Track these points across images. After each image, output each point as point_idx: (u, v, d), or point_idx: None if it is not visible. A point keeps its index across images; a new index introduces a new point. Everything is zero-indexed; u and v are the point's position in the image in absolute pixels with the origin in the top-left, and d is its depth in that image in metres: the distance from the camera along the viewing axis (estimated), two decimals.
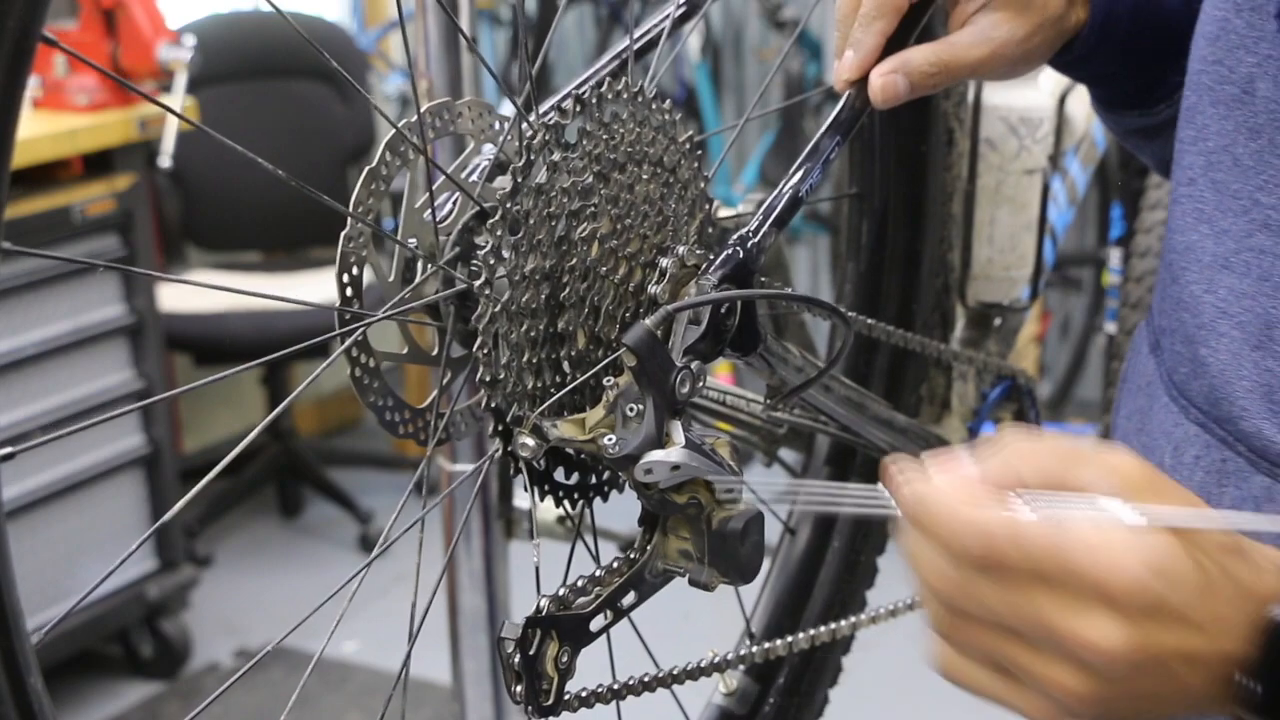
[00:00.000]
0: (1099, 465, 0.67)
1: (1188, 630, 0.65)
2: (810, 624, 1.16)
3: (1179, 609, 0.65)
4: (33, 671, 0.61)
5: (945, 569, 0.67)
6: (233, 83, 3.55)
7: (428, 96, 1.37)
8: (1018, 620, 0.66)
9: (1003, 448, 0.69)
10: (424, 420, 0.79)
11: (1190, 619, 0.65)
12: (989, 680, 0.70)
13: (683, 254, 0.81)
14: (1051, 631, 0.65)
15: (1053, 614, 0.65)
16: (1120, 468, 0.67)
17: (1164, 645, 0.65)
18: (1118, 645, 0.64)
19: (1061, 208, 1.33)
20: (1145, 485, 0.67)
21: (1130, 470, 0.68)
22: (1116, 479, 0.67)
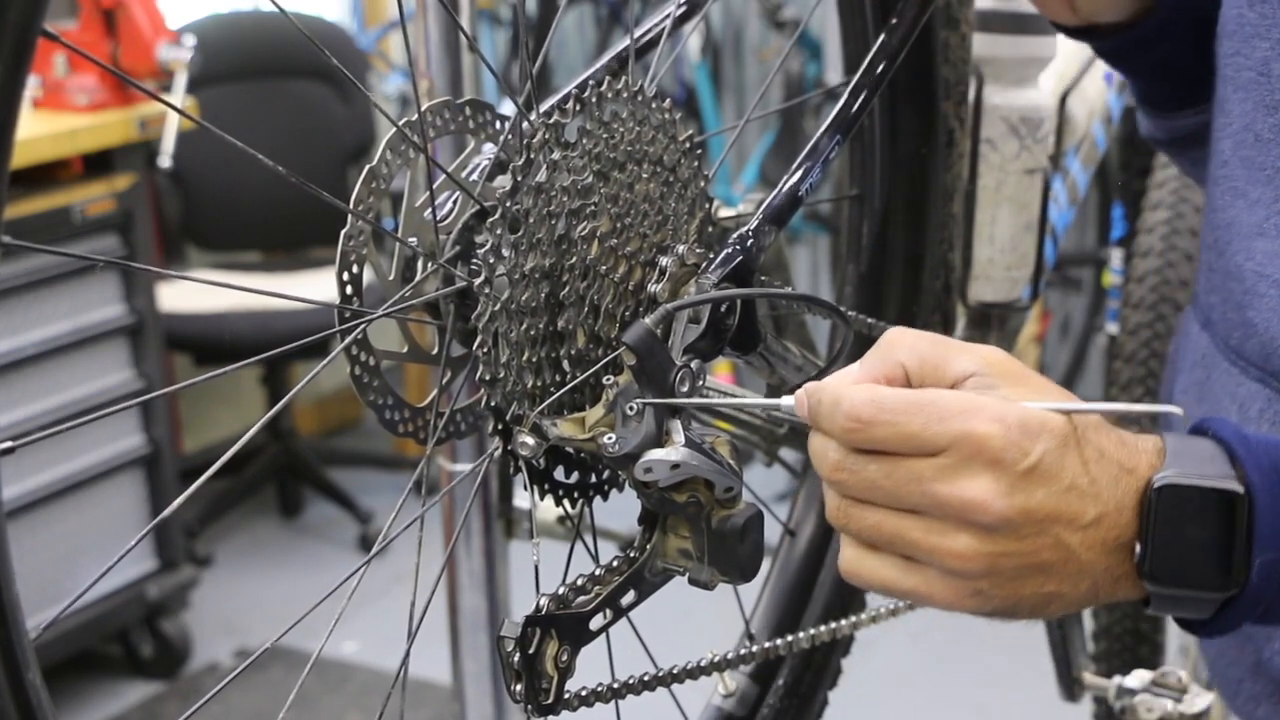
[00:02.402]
0: (972, 352, 0.72)
1: (1069, 494, 0.69)
2: (810, 625, 1.16)
3: (1056, 472, 0.68)
4: (31, 667, 0.61)
5: (835, 457, 0.71)
6: (233, 83, 3.55)
7: (428, 96, 1.37)
8: (905, 493, 0.69)
9: (883, 343, 0.73)
10: (424, 419, 0.79)
11: (1070, 484, 0.69)
12: (891, 570, 0.72)
13: (682, 253, 0.82)
14: (936, 498, 0.69)
15: (935, 481, 0.68)
16: (991, 355, 0.72)
17: (1044, 505, 0.68)
18: (999, 501, 0.68)
19: (1062, 208, 1.33)
20: (1016, 372, 0.71)
21: (1000, 358, 0.72)
22: (988, 364, 0.71)
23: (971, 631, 2.94)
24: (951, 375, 0.72)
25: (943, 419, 0.68)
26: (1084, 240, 3.92)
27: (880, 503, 0.71)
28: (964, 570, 0.70)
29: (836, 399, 0.70)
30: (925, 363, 0.72)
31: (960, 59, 1.12)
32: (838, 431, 0.70)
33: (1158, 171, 1.76)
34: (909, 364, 0.72)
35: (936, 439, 0.68)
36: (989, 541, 0.69)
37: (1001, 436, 0.68)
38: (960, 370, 0.72)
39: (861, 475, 0.71)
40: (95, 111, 2.68)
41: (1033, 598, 0.71)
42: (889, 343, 0.74)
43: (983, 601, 0.71)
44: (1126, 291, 1.73)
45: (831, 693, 1.18)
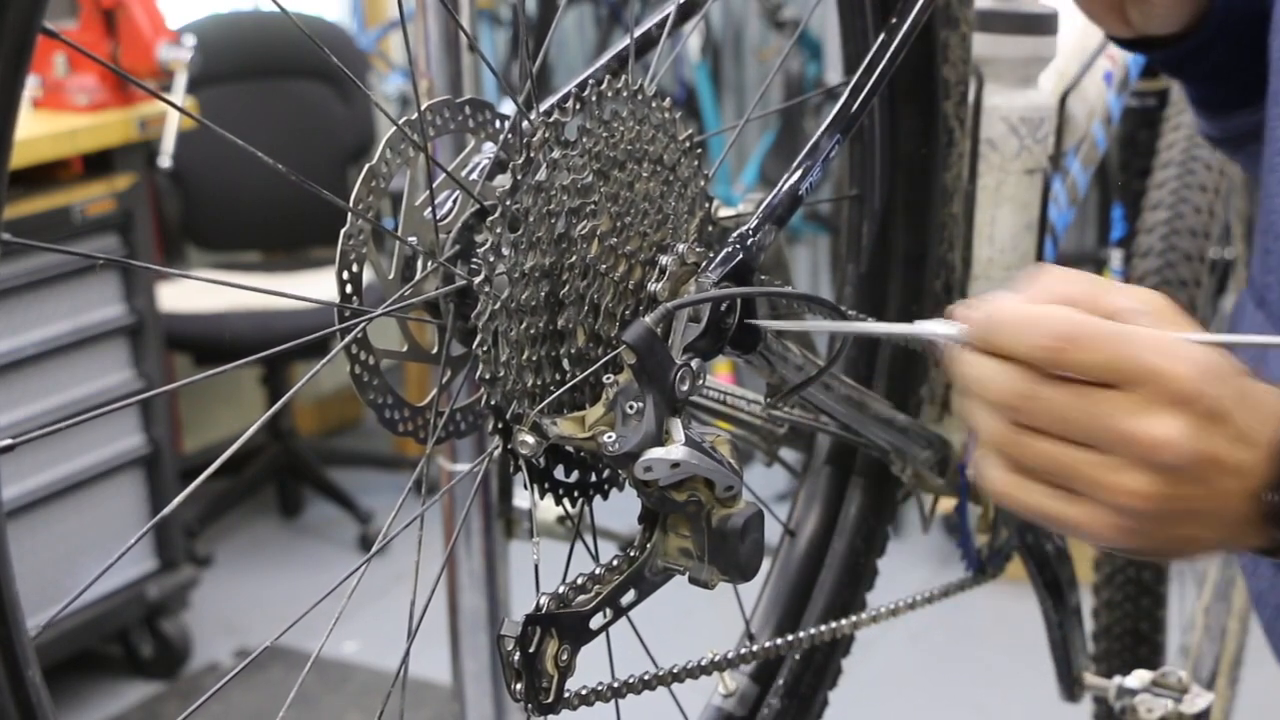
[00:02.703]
0: (1129, 291, 0.70)
1: (1237, 443, 0.68)
2: (810, 625, 1.16)
3: (1232, 417, 0.68)
4: (31, 665, 0.61)
5: (1012, 380, 0.68)
6: (233, 83, 3.55)
7: (428, 95, 1.37)
8: (1086, 423, 0.67)
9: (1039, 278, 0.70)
10: (424, 418, 0.79)
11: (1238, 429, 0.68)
12: (1047, 497, 0.70)
13: (683, 252, 0.82)
14: (1123, 433, 0.67)
15: (1122, 415, 0.67)
16: (1147, 294, 0.70)
17: (1219, 451, 0.68)
18: (1185, 444, 0.66)
19: (1062, 208, 1.33)
20: (1171, 310, 0.70)
21: (1155, 298, 0.70)
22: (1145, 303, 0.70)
23: (971, 631, 2.94)
24: (1106, 309, 0.69)
25: (1142, 352, 0.67)
26: (1084, 240, 3.92)
27: (1057, 433, 0.69)
28: (1132, 509, 0.68)
29: (1032, 317, 0.68)
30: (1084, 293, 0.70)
31: (960, 59, 1.12)
32: (1029, 351, 0.67)
33: (1158, 171, 1.76)
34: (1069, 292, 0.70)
35: (1135, 372, 0.67)
36: (1165, 483, 0.68)
37: (1195, 378, 0.67)
38: (1117, 305, 0.70)
39: (1044, 402, 0.68)
40: (95, 111, 2.68)
41: (1180, 540, 0.71)
42: (1045, 273, 0.71)
43: (1138, 540, 0.70)
44: None
45: (831, 693, 1.18)
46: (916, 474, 1.14)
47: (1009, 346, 0.68)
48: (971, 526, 1.18)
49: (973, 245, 1.20)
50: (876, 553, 1.20)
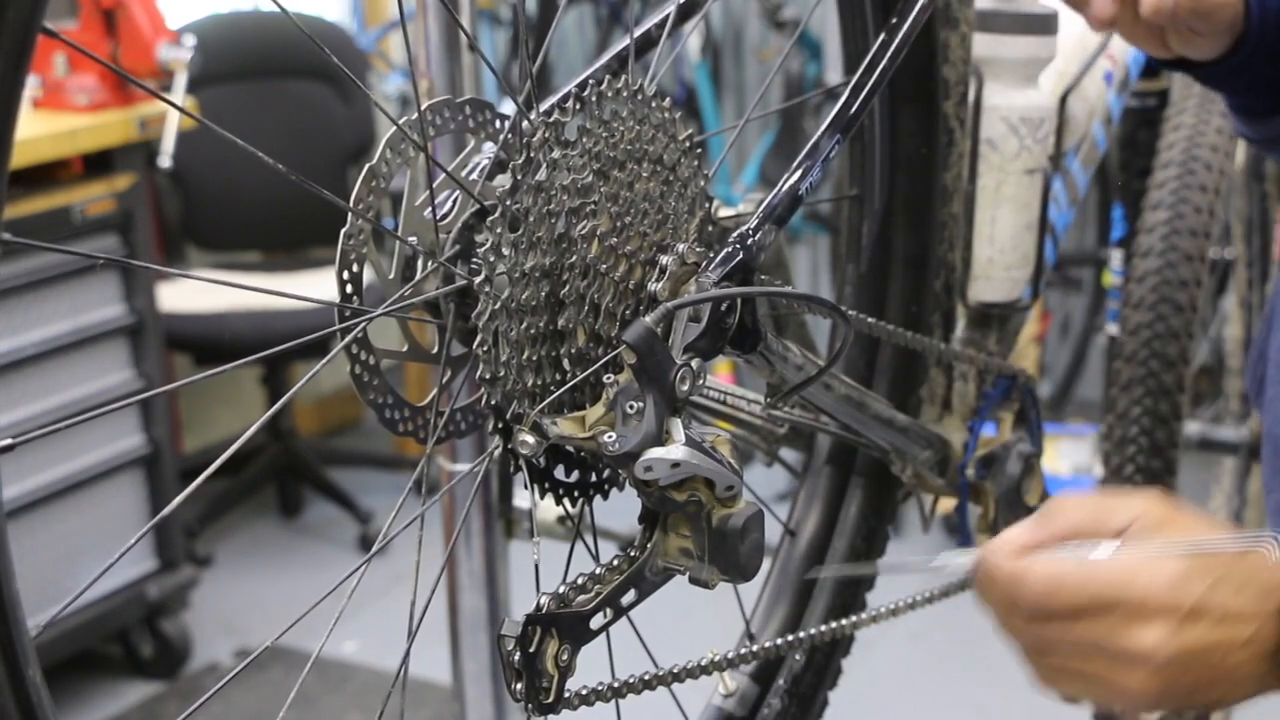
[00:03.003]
0: (1130, 506, 0.84)
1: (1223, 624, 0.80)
2: (811, 625, 1.16)
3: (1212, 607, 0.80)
4: (31, 664, 0.61)
5: (1018, 623, 0.84)
6: (233, 83, 3.55)
7: (428, 95, 1.37)
8: (1084, 648, 0.82)
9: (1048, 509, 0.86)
10: (424, 418, 0.79)
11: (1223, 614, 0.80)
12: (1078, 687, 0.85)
13: (683, 251, 0.81)
14: (1112, 650, 0.81)
15: (1109, 637, 0.81)
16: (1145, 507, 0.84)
17: (1202, 640, 0.80)
18: (1165, 648, 0.79)
19: (1062, 208, 1.33)
20: (1165, 518, 0.83)
21: (1152, 508, 0.84)
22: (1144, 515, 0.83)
23: (971, 631, 2.93)
24: (1112, 529, 0.84)
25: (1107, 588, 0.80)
26: (1084, 240, 3.92)
27: (1062, 651, 0.83)
28: (1143, 693, 0.82)
29: (1018, 576, 0.82)
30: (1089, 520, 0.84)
31: (960, 59, 1.12)
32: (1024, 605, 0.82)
33: (1158, 171, 1.75)
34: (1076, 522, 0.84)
35: (1112, 601, 0.80)
36: (1161, 676, 0.80)
37: (1164, 591, 0.79)
38: (1120, 523, 0.84)
39: (1044, 637, 0.83)
40: (95, 111, 2.67)
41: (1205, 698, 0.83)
42: (1056, 507, 0.86)
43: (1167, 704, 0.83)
44: (1126, 291, 1.72)
45: (831, 693, 1.18)
46: (916, 474, 1.14)
47: (1007, 600, 0.83)
48: (971, 526, 1.18)
49: (973, 245, 1.20)
50: (877, 553, 1.20)
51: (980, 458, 1.16)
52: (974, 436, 1.16)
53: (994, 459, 1.16)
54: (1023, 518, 1.16)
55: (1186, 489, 1.79)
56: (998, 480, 1.16)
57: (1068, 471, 3.34)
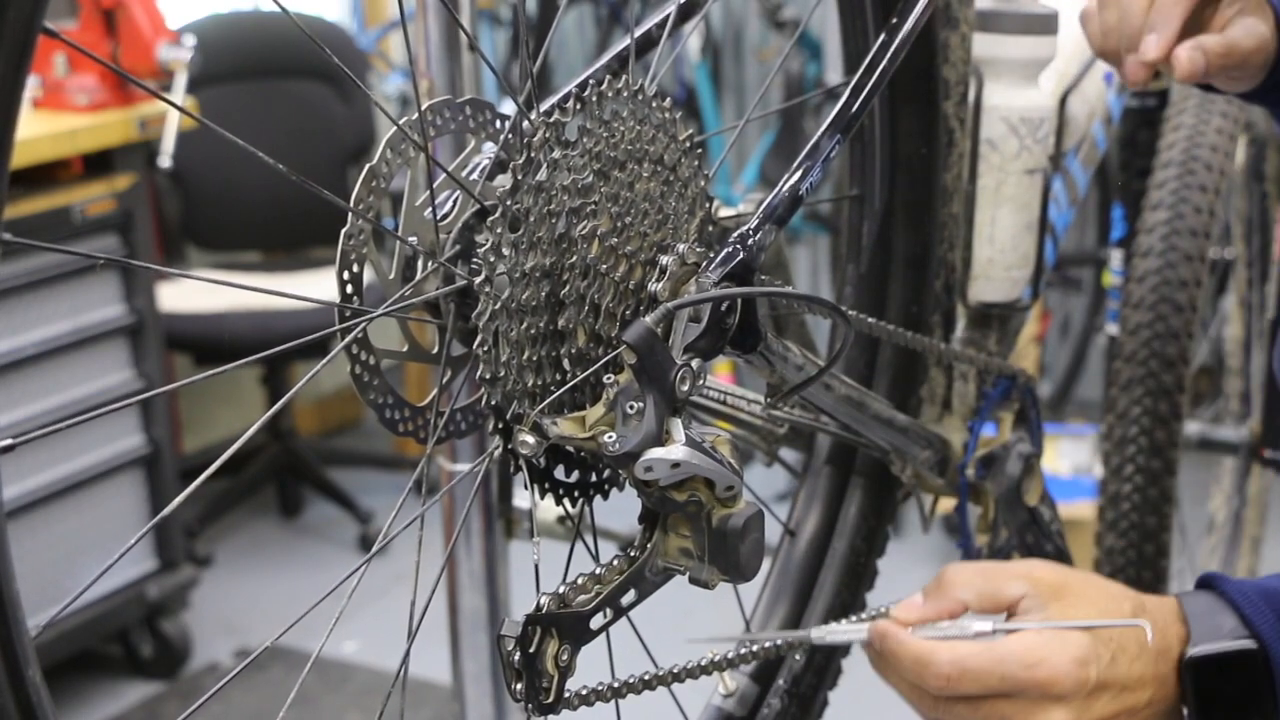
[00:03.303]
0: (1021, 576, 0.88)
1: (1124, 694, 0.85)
2: (811, 626, 1.16)
3: (1111, 680, 0.84)
4: (31, 664, 0.61)
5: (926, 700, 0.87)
6: (233, 83, 3.55)
7: (428, 95, 1.37)
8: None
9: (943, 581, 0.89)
10: (424, 418, 0.79)
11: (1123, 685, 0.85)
12: None
13: (683, 251, 0.81)
14: None
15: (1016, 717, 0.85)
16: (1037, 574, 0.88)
17: (1107, 710, 0.85)
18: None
19: (1062, 208, 1.33)
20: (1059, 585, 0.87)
21: (1044, 575, 0.88)
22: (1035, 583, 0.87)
23: None
24: (1006, 601, 0.88)
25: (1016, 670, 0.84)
26: (1084, 240, 3.92)
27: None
28: None
29: (921, 660, 0.86)
30: (982, 595, 0.88)
31: (960, 59, 1.12)
32: (927, 686, 0.86)
33: (1158, 171, 1.75)
34: (967, 599, 0.88)
35: (1014, 687, 0.84)
36: None
37: (1066, 676, 0.83)
38: (1013, 595, 0.87)
39: (951, 712, 0.87)
40: (95, 111, 2.67)
41: None
42: (948, 581, 0.89)
43: None
44: (1126, 291, 1.72)
45: (831, 693, 1.18)
46: (916, 474, 1.14)
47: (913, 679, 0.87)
48: (971, 526, 1.18)
49: (973, 245, 1.20)
50: (877, 553, 1.20)
51: (980, 458, 1.16)
52: (974, 436, 1.16)
53: (994, 459, 1.16)
54: (1023, 518, 1.16)
55: (1186, 489, 1.79)
56: (998, 480, 1.16)
57: (1068, 471, 3.34)
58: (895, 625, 0.88)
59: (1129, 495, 1.68)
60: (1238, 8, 1.03)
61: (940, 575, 0.90)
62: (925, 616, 0.88)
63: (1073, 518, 2.34)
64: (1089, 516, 1.95)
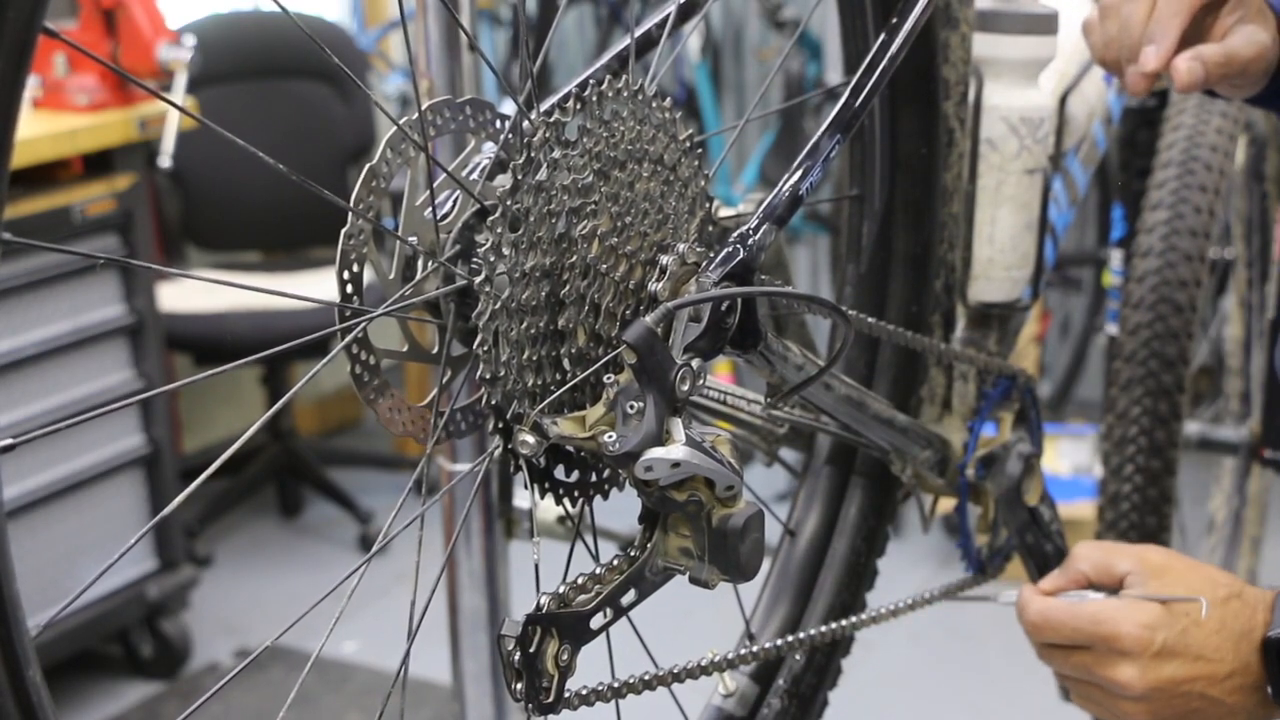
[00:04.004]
0: (1132, 555, 1.02)
1: (1198, 662, 0.94)
2: (811, 626, 1.16)
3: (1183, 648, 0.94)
4: (31, 665, 0.61)
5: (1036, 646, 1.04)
6: (233, 83, 3.55)
7: (428, 95, 1.37)
8: (1079, 673, 1.01)
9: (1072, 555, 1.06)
10: (424, 418, 0.79)
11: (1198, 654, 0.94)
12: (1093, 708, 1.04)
13: (683, 251, 0.81)
14: (1097, 678, 0.99)
15: (1094, 668, 0.98)
16: (1145, 555, 1.02)
17: (1177, 674, 0.95)
18: (1139, 682, 0.96)
19: (1062, 208, 1.33)
20: (1163, 567, 1.00)
21: (1152, 557, 1.01)
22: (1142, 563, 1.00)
23: (971, 632, 2.94)
24: (1116, 575, 1.02)
25: (1088, 626, 0.98)
26: (1084, 240, 3.92)
27: (1067, 674, 1.03)
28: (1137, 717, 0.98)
29: (1022, 607, 1.03)
30: (1097, 567, 1.03)
31: (960, 59, 1.12)
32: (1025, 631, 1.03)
33: (1158, 171, 1.75)
34: (1087, 570, 1.03)
35: (1086, 639, 0.98)
36: (1144, 705, 0.97)
37: (1129, 635, 0.95)
38: (1122, 570, 1.01)
39: (1051, 660, 1.03)
40: (95, 111, 2.67)
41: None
42: (1074, 555, 1.06)
43: None
44: (1126, 291, 1.72)
45: (831, 693, 1.18)
46: (916, 474, 1.14)
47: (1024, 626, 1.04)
48: (971, 526, 1.18)
49: (973, 245, 1.20)
50: (877, 553, 1.20)
51: (980, 458, 1.16)
52: (974, 436, 1.16)
53: (994, 459, 1.16)
54: (1023, 517, 1.16)
55: (1186, 489, 1.79)
56: (998, 480, 1.16)
57: (1068, 471, 3.34)
58: (1031, 588, 1.04)
59: (1129, 495, 1.68)
60: (1238, 15, 1.04)
61: (1072, 551, 1.06)
62: (1057, 585, 1.04)
63: (1073, 518, 2.34)
64: (1089, 516, 1.95)
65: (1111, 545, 1.04)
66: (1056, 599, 1.02)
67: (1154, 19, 1.03)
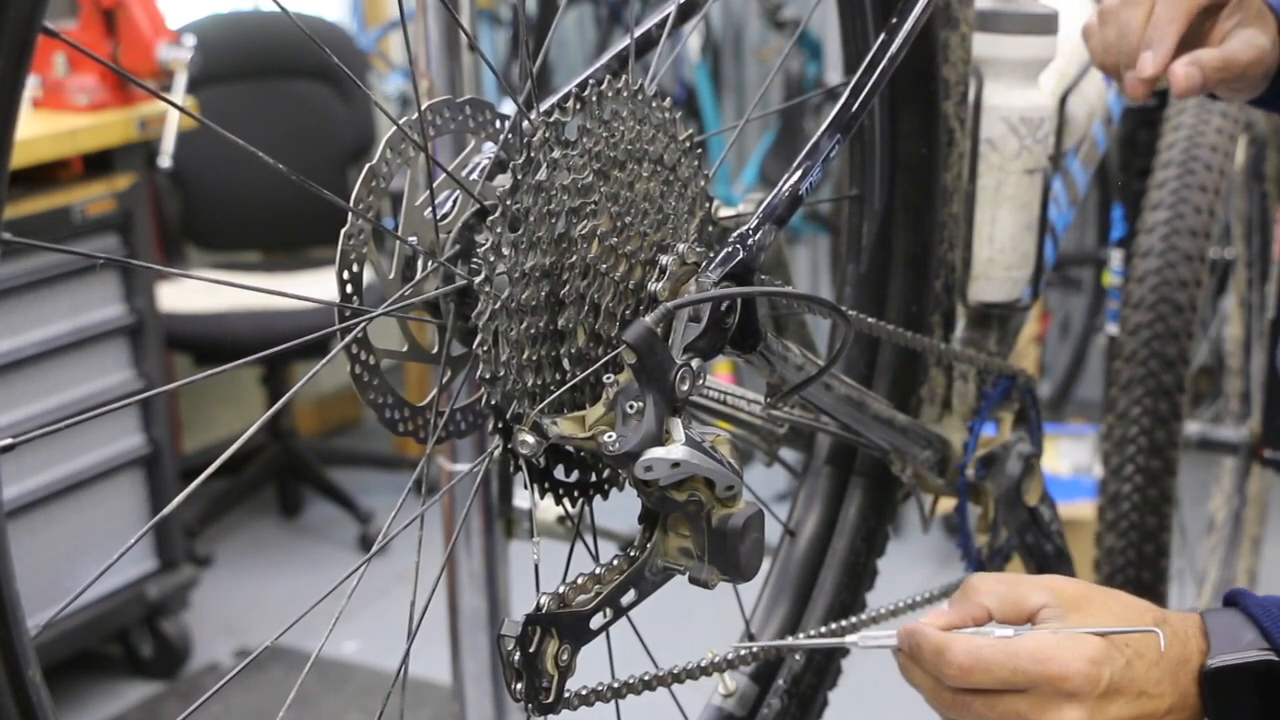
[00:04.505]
0: (1043, 586, 0.89)
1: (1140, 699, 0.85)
2: (811, 626, 1.16)
3: (1126, 685, 0.85)
4: (31, 664, 0.61)
5: (940, 690, 0.87)
6: (233, 83, 3.55)
7: (428, 95, 1.37)
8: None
9: (967, 589, 0.90)
10: (424, 418, 0.79)
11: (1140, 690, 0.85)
12: None
13: (683, 251, 0.81)
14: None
15: (1031, 714, 0.85)
16: (1058, 586, 0.89)
17: (1122, 714, 0.85)
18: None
19: (1062, 208, 1.33)
20: (1079, 597, 0.88)
21: (1065, 588, 0.89)
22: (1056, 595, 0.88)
23: None
24: (1028, 610, 0.88)
25: (1028, 665, 0.84)
26: (1084, 240, 3.92)
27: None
28: None
29: (939, 649, 0.86)
30: (1004, 602, 0.88)
31: (960, 59, 1.12)
32: (944, 677, 0.86)
33: (1158, 171, 1.75)
34: (990, 605, 0.88)
35: (1026, 681, 0.84)
36: None
37: (1077, 674, 0.84)
38: (1035, 604, 0.88)
39: (966, 707, 0.87)
40: (95, 111, 2.67)
41: None
42: (972, 588, 0.90)
43: None
44: (1126, 291, 1.72)
45: (831, 693, 1.18)
46: (916, 474, 1.14)
47: (929, 670, 0.87)
48: (971, 526, 1.18)
49: (973, 245, 1.20)
50: (876, 553, 1.20)
51: (980, 458, 1.16)
52: (974, 436, 1.16)
53: (994, 459, 1.16)
54: (1023, 517, 1.16)
55: (1186, 489, 1.79)
56: (998, 480, 1.16)
57: (1068, 471, 3.34)
58: (922, 625, 0.89)
59: (1129, 495, 1.68)
60: (1236, 19, 1.04)
61: (965, 583, 0.91)
62: (951, 622, 0.89)
63: (1073, 518, 2.34)
64: (1089, 516, 1.95)
65: (1016, 577, 0.91)
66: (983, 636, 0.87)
67: (1152, 24, 1.03)
